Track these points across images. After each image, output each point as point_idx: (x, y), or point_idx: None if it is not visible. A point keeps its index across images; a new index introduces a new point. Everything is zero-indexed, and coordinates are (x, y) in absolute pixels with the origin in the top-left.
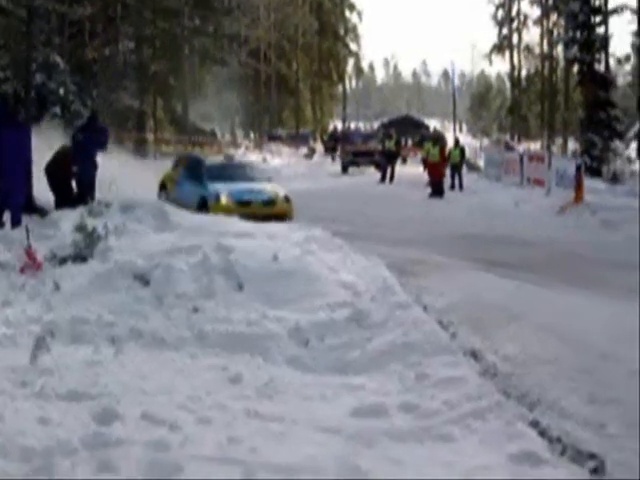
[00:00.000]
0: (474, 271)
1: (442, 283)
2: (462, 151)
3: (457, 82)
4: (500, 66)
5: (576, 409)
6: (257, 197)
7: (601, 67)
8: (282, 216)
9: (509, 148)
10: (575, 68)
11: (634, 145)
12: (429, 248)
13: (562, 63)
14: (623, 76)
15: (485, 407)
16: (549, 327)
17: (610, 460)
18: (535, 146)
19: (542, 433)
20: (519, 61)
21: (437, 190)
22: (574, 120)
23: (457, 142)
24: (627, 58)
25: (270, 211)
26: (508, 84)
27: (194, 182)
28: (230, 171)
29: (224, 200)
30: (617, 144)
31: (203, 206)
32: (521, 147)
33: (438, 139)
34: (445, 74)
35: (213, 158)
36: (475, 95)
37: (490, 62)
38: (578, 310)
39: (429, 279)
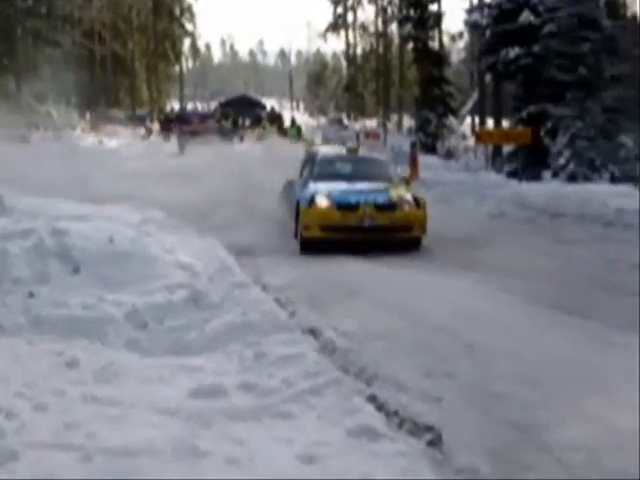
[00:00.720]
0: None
1: (279, 262)
2: (298, 129)
3: (294, 61)
4: (336, 44)
5: (413, 383)
6: (368, 198)
7: (435, 44)
8: (406, 227)
9: (342, 126)
10: (409, 45)
11: (468, 121)
12: (265, 225)
13: (397, 41)
14: (457, 53)
15: (323, 383)
16: (387, 303)
17: (446, 432)
18: (371, 123)
19: (379, 407)
20: (354, 39)
21: None
22: (409, 97)
23: (293, 121)
24: (460, 35)
25: (387, 219)
26: (344, 62)
27: (300, 184)
28: (345, 168)
29: (321, 203)
30: (451, 121)
31: (298, 214)
32: (357, 124)
33: (275, 118)
34: (282, 53)
35: (330, 151)
36: (311, 74)
37: (326, 40)
38: (416, 285)
39: (267, 258)
